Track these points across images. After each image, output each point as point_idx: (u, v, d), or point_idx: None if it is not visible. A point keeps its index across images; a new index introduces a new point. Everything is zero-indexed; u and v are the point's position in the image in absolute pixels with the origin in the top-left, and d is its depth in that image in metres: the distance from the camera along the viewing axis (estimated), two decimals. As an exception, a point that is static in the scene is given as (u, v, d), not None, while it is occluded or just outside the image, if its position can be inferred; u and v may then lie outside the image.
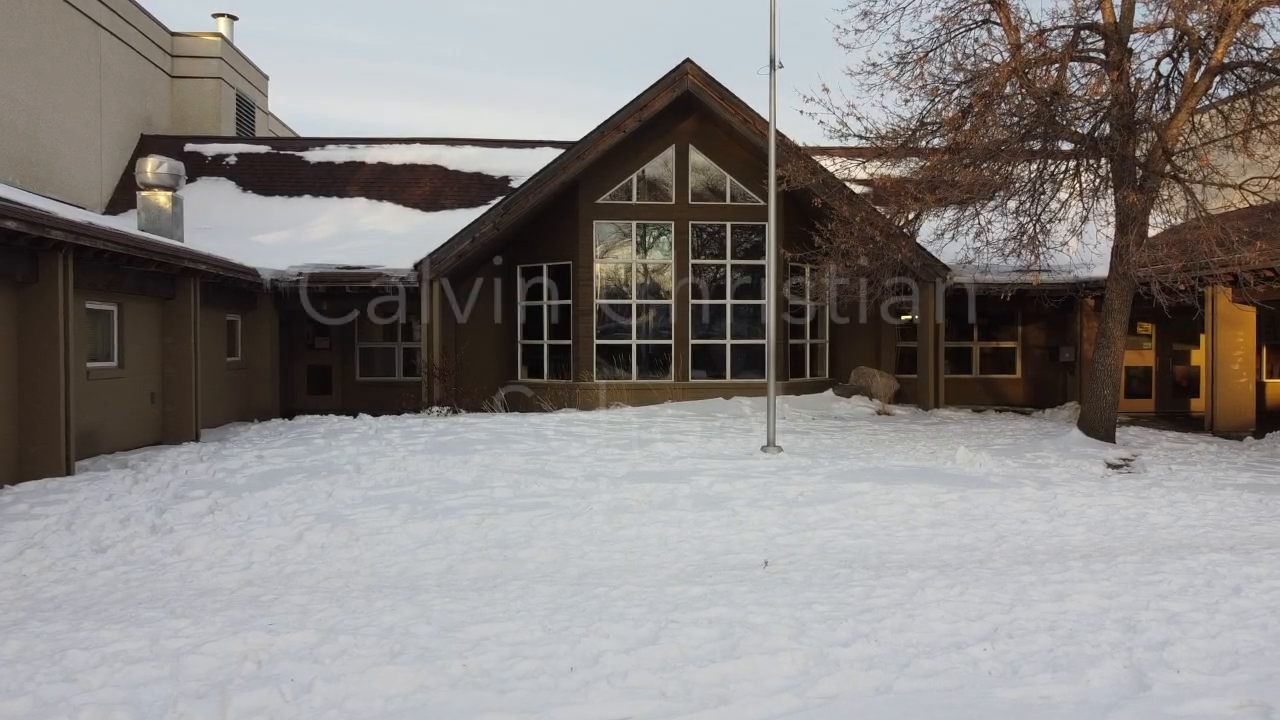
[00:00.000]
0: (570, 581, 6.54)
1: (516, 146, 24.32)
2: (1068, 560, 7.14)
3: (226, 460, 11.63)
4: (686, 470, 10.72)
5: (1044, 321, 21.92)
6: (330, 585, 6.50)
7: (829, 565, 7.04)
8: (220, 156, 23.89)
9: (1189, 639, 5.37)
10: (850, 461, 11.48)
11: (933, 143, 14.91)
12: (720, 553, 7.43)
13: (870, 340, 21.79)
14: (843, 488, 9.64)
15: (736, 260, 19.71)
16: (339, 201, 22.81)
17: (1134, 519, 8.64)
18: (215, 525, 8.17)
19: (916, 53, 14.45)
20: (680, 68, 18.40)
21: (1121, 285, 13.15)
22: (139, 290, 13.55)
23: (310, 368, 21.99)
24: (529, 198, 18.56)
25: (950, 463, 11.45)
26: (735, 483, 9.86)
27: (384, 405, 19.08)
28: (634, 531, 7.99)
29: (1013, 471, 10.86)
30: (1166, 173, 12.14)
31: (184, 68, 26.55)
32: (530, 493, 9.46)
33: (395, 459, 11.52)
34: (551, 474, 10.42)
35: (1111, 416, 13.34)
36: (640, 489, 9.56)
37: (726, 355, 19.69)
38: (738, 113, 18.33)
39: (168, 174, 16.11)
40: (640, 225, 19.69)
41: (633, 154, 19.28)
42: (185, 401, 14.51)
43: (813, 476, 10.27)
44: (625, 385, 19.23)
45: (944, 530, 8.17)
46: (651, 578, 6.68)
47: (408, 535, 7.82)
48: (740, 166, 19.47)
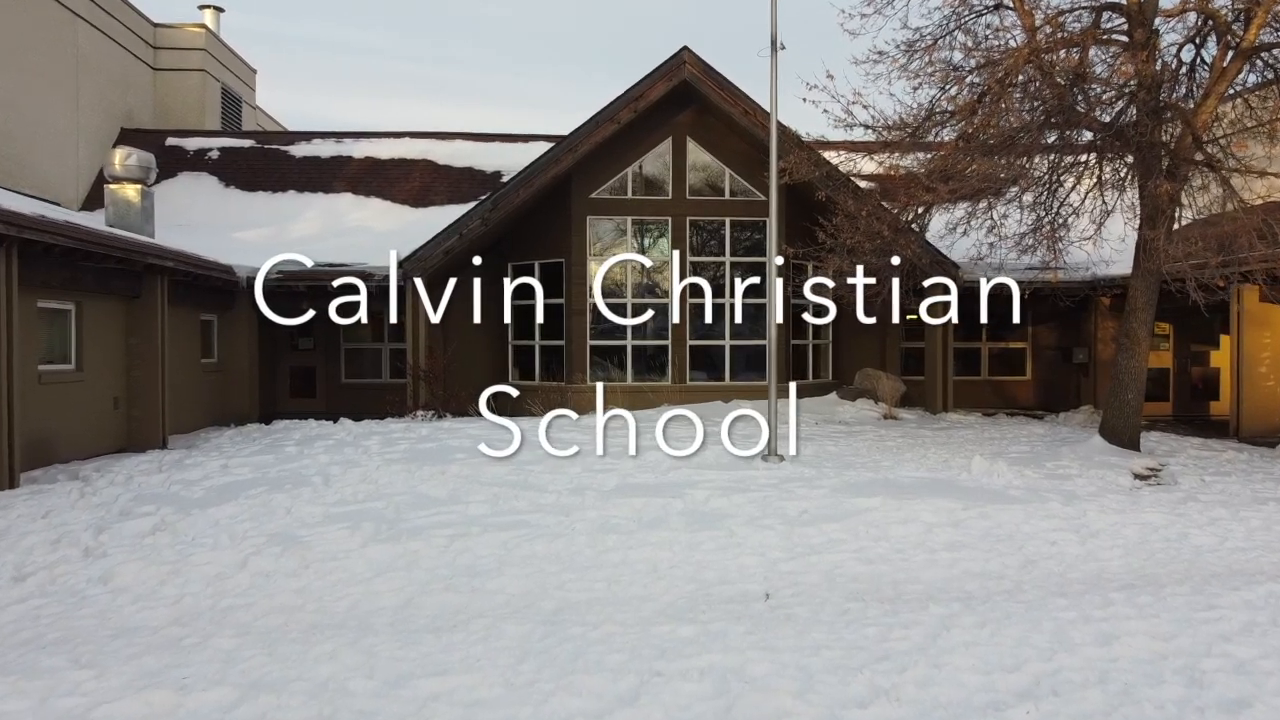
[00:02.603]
0: (544, 619, 5.72)
1: (510, 140, 23.45)
2: (1108, 591, 6.32)
3: (187, 470, 10.82)
4: (681, 482, 9.89)
5: (1055, 321, 21.06)
6: (268, 623, 5.67)
7: (838, 597, 6.21)
8: (203, 151, 23.08)
9: (1265, 695, 4.55)
10: (858, 472, 10.66)
11: (943, 134, 14.13)
12: (715, 581, 6.60)
13: (874, 340, 20.94)
14: (851, 503, 8.81)
15: (736, 258, 18.88)
16: (325, 197, 21.99)
17: (1174, 540, 7.80)
18: (155, 548, 7.35)
19: (925, 40, 13.65)
20: (677, 56, 17.58)
21: (1147, 282, 12.31)
22: (100, 288, 12.74)
23: (293, 369, 21.16)
24: (519, 192, 17.74)
25: (966, 473, 10.62)
26: (733, 497, 9.04)
27: (370, 408, 18.24)
28: (620, 556, 7.16)
29: (1034, 483, 10.03)
30: (1199, 160, 11.30)
31: (167, 60, 25.72)
32: (509, 509, 8.63)
33: (368, 469, 10.71)
34: (535, 487, 9.59)
35: (1136, 423, 12.50)
36: (629, 504, 8.74)
37: (726, 356, 18.85)
38: (738, 104, 17.50)
39: (137, 166, 15.29)
40: (636, 221, 18.87)
41: (628, 147, 18.45)
42: (151, 406, 13.69)
43: (818, 490, 9.44)
44: (620, 388, 18.37)
45: (965, 553, 7.34)
46: (636, 613, 5.86)
47: (366, 561, 6.99)
48: (740, 160, 18.64)
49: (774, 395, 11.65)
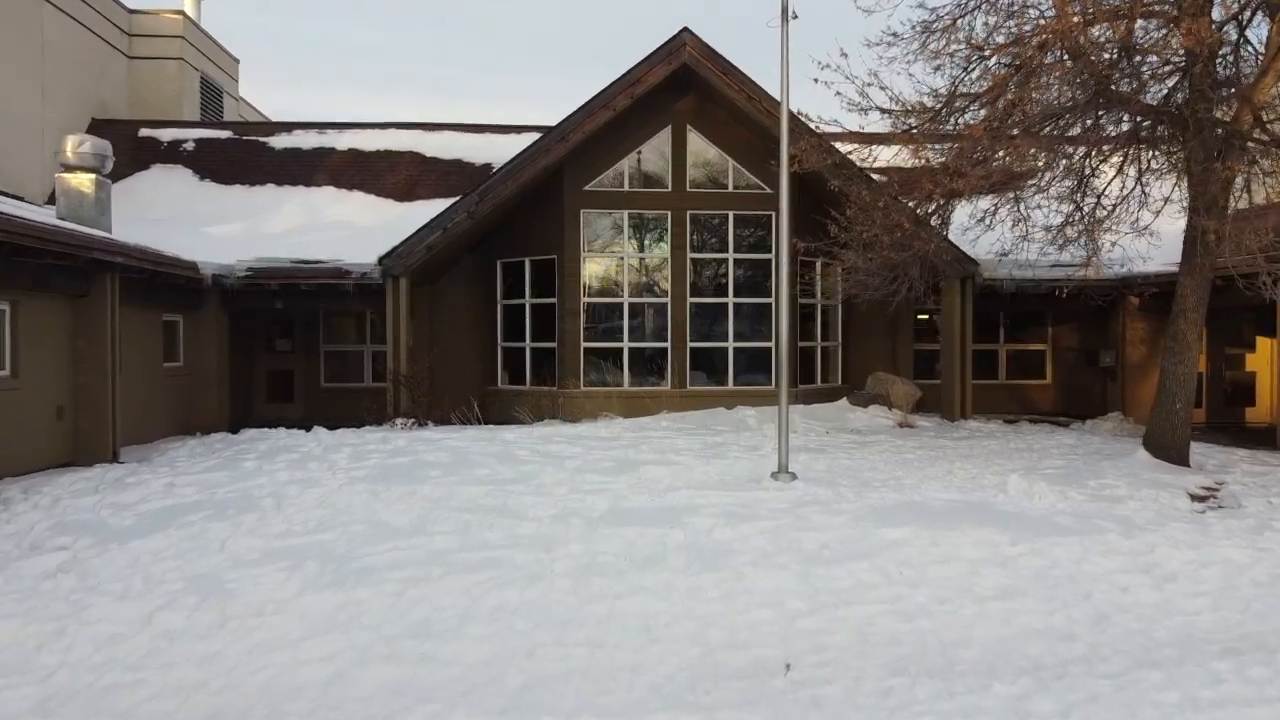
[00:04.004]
0: (504, 707, 4.51)
1: (502, 131, 22.17)
2: (1208, 659, 5.12)
3: (126, 490, 9.61)
4: (680, 506, 8.69)
5: (1077, 322, 19.85)
6: (148, 711, 4.46)
7: (876, 668, 5.01)
8: (177, 142, 21.84)
9: None
10: (879, 492, 9.45)
11: (964, 118, 12.95)
12: (722, 644, 5.39)
13: (885, 341, 19.71)
14: (877, 534, 7.60)
15: (740, 254, 17.66)
16: (305, 191, 20.75)
17: (1266, 584, 6.59)
18: (51, 595, 6.15)
19: (943, 20, 12.48)
20: (677, 38, 16.35)
21: (1197, 280, 11.09)
22: (40, 286, 11.55)
23: (270, 372, 19.94)
24: (506, 184, 16.53)
25: (1001, 494, 9.41)
26: (740, 526, 7.83)
27: (351, 414, 17.02)
28: (606, 607, 5.95)
29: (1081, 508, 8.82)
30: (1266, 140, 10.09)
31: (143, 48, 24.46)
32: (480, 542, 7.42)
33: (329, 490, 9.51)
34: (513, 513, 8.38)
35: (1185, 435, 11.29)
36: (621, 536, 7.53)
37: (728, 359, 17.63)
38: (742, 89, 16.27)
39: (91, 154, 14.07)
40: (633, 215, 17.65)
41: (624, 136, 17.23)
42: (100, 416, 12.48)
43: (837, 516, 8.23)
44: (616, 393, 17.18)
45: (1020, 603, 6.13)
46: (624, 694, 4.66)
47: (299, 615, 5.78)
48: (744, 150, 17.42)
49: (784, 404, 10.42)
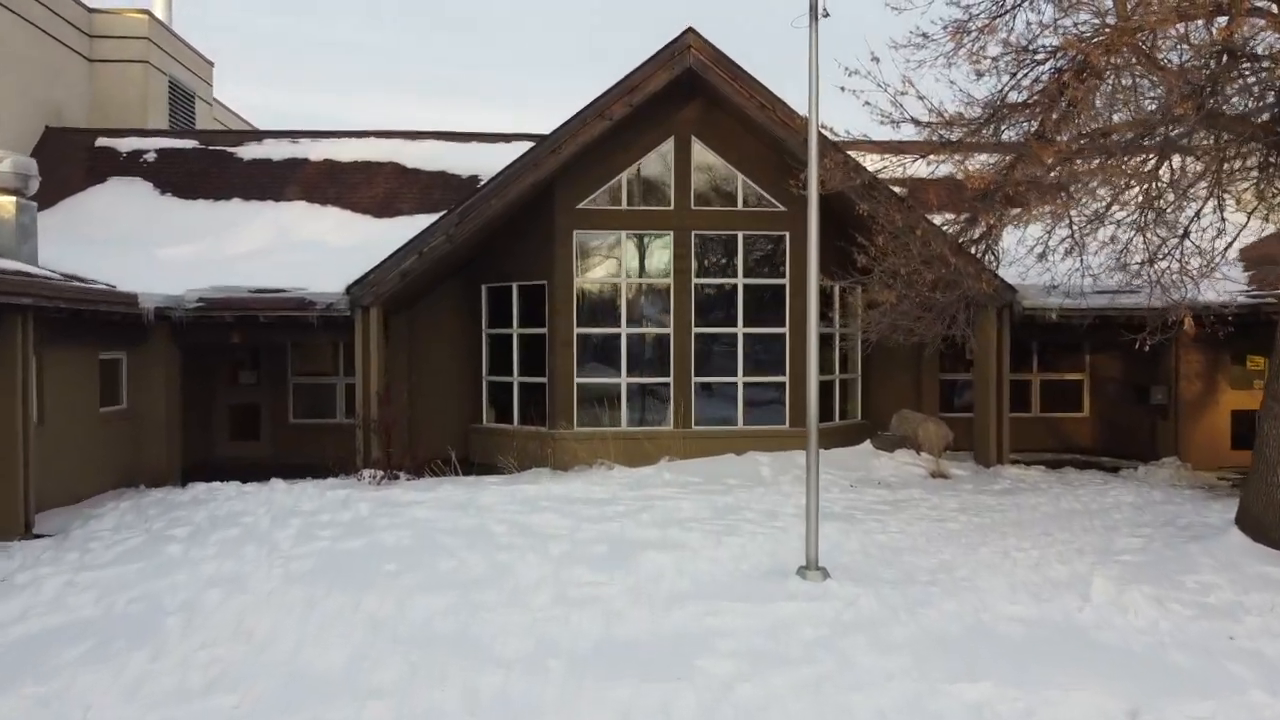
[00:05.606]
0: None
1: (489, 140, 20.32)
2: None
3: (6, 599, 7.84)
4: (690, 632, 6.89)
5: (1118, 350, 18.02)
6: None
7: None
8: (138, 153, 20.07)
9: None
10: (931, 596, 7.68)
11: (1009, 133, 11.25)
12: None
13: (909, 372, 17.89)
14: (948, 693, 5.79)
15: (750, 279, 15.87)
16: (274, 206, 18.94)
17: None
18: None
19: (980, 19, 10.79)
20: (680, 40, 14.57)
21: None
22: (-71, 334, 9.79)
23: (233, 407, 18.17)
24: (490, 202, 14.75)
25: (1085, 604, 7.59)
26: (770, 678, 6.02)
27: (321, 454, 15.14)
28: None
29: (1192, 630, 7.01)
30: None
31: (105, 50, 22.67)
32: (423, 709, 5.61)
33: (257, 598, 7.72)
34: (474, 649, 6.57)
35: (1290, 513, 9.47)
36: (613, 698, 5.72)
37: (738, 396, 15.84)
38: (754, 96, 14.48)
39: (11, 174, 12.27)
40: (631, 235, 15.87)
41: (622, 148, 15.45)
42: (9, 480, 10.68)
43: (892, 656, 6.42)
44: (612, 434, 15.37)
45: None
46: None
47: None
48: (755, 163, 15.63)
49: (814, 467, 8.55)
